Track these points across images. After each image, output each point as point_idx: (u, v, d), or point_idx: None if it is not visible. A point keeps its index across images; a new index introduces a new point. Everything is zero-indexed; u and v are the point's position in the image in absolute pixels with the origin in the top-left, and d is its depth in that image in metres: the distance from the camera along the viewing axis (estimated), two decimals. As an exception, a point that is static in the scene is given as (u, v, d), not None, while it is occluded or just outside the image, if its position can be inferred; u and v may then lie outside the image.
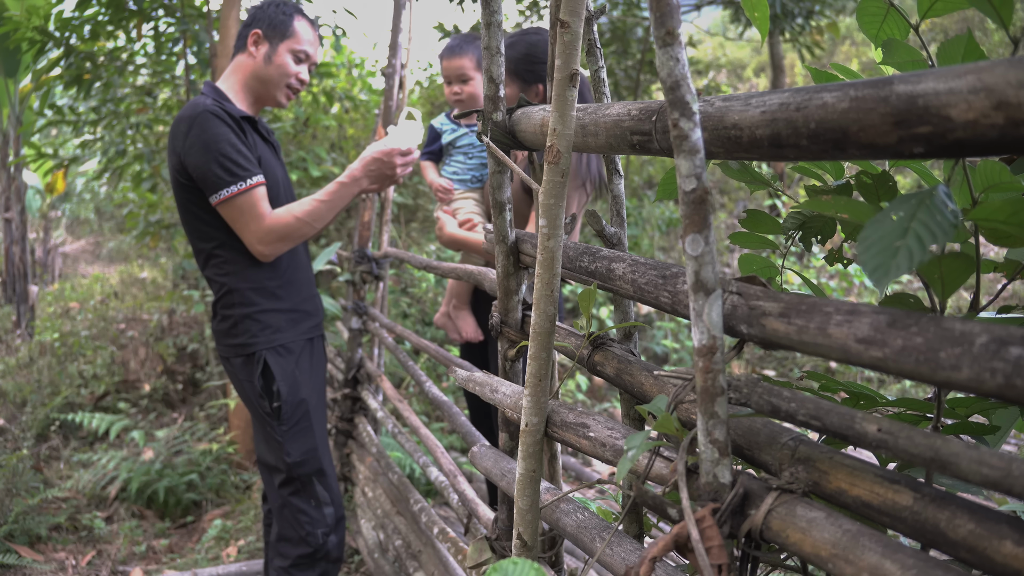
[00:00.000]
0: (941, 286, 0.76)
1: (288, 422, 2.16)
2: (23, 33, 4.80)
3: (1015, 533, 0.58)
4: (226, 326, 2.14)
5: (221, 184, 2.01)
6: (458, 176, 2.73)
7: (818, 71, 0.93)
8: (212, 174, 2.00)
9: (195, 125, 2.01)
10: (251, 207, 2.04)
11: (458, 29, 6.93)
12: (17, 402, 5.13)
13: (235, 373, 2.17)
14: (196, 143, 2.01)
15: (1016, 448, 3.80)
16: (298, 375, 2.18)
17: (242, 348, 2.12)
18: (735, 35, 8.25)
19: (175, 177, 2.09)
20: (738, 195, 9.01)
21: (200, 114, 2.02)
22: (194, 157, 2.01)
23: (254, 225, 2.06)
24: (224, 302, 2.14)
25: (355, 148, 6.28)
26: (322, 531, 2.20)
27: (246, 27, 2.20)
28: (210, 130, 2.01)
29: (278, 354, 2.14)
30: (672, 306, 0.93)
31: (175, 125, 2.07)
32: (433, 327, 5.32)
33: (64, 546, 3.65)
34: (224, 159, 2.01)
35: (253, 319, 2.12)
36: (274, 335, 2.14)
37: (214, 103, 2.06)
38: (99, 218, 11.67)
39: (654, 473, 0.95)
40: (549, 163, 1.01)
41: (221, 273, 2.12)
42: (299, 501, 2.19)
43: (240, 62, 2.21)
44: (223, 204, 2.03)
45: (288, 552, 2.19)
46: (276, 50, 2.19)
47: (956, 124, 0.57)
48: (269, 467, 2.21)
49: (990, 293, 4.79)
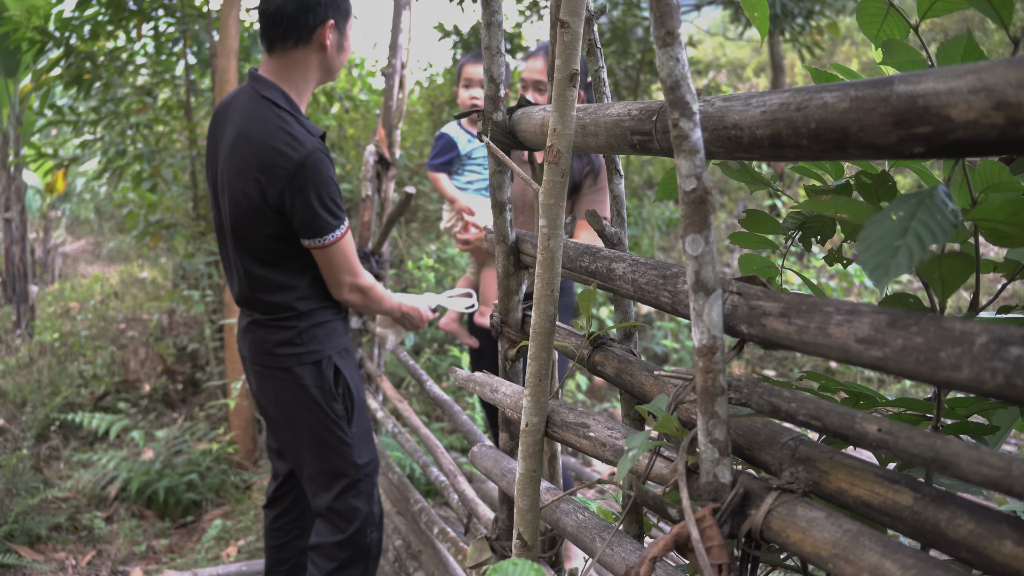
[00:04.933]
0: (941, 286, 0.76)
1: (358, 424, 2.17)
2: (23, 33, 4.81)
3: (1015, 533, 0.58)
4: (289, 335, 2.06)
5: (327, 229, 1.93)
6: (473, 186, 2.74)
7: (818, 71, 0.93)
8: (320, 219, 1.92)
9: (307, 168, 1.88)
10: (349, 249, 2.01)
11: (458, 29, 6.92)
12: (17, 402, 5.13)
13: (291, 383, 2.08)
14: (307, 187, 1.88)
15: (1016, 448, 3.80)
16: (358, 377, 2.21)
17: (310, 355, 2.07)
18: (735, 35, 8.25)
19: (257, 208, 1.93)
20: (738, 195, 9.01)
21: (312, 155, 1.88)
22: (303, 200, 1.89)
23: (350, 273, 2.04)
24: (288, 318, 2.07)
25: (355, 148, 6.28)
26: (370, 529, 2.20)
27: (307, 15, 1.94)
28: (323, 174, 1.90)
29: (343, 357, 2.15)
30: (672, 306, 0.93)
31: (272, 155, 1.88)
32: (433, 327, 5.32)
33: (64, 546, 3.65)
34: (333, 205, 1.93)
35: (320, 326, 2.10)
36: (338, 340, 2.15)
37: (305, 128, 1.93)
38: (99, 218, 11.67)
39: (654, 473, 0.95)
40: (549, 163, 1.01)
41: (295, 299, 2.05)
42: (359, 502, 2.17)
43: (304, 57, 1.99)
44: (323, 248, 1.97)
45: (336, 555, 2.16)
46: (345, 34, 2.06)
47: (956, 124, 0.57)
48: (329, 474, 2.14)
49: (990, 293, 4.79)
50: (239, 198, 1.94)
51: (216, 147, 2.04)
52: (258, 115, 1.92)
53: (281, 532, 2.46)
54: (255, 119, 1.92)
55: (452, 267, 5.53)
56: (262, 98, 1.94)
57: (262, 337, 2.08)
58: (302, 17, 1.94)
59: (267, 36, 1.98)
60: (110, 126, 5.44)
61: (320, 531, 2.20)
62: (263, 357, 2.09)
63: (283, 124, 1.90)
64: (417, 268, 5.20)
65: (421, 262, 5.21)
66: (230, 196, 1.96)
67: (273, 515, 2.46)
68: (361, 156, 5.69)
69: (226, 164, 1.96)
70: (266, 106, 1.93)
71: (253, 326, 2.09)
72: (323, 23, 1.96)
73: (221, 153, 2.00)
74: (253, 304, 2.08)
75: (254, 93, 1.96)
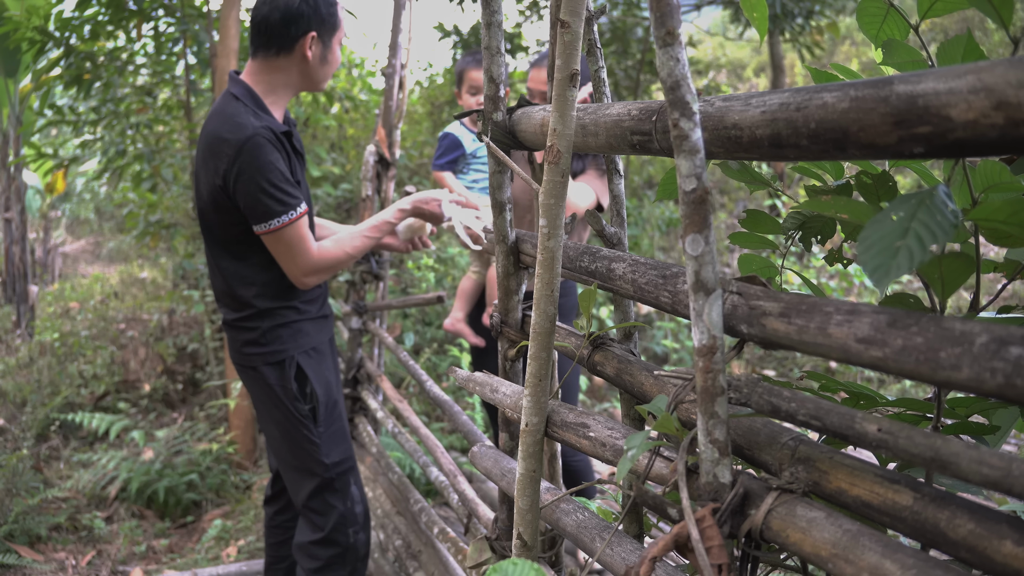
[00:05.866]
0: (941, 286, 0.76)
1: (325, 423, 2.16)
2: (23, 33, 4.81)
3: (1015, 533, 0.58)
4: (253, 336, 2.10)
5: (271, 215, 1.95)
6: (479, 185, 2.76)
7: (818, 71, 0.93)
8: (261, 204, 1.94)
9: (244, 151, 1.91)
10: (299, 240, 2.01)
11: (458, 29, 6.92)
12: (17, 402, 5.13)
13: (260, 381, 2.12)
14: (245, 171, 1.92)
15: (1016, 448, 3.80)
16: (328, 376, 2.20)
17: (273, 355, 2.10)
18: (735, 35, 8.25)
19: (212, 197, 1.99)
20: (738, 195, 9.00)
21: (251, 139, 1.91)
22: (243, 185, 1.93)
23: (301, 259, 2.03)
24: (251, 317, 2.10)
25: (355, 148, 6.28)
26: (353, 529, 2.21)
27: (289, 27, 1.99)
28: (261, 158, 1.92)
29: (309, 357, 2.15)
30: (672, 306, 0.93)
31: (216, 143, 1.94)
32: (432, 327, 5.32)
33: (64, 546, 3.65)
34: (275, 189, 1.94)
35: (284, 327, 2.11)
36: (304, 339, 2.15)
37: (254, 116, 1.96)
38: (99, 218, 11.66)
39: (654, 473, 0.95)
40: (549, 163, 1.01)
41: (254, 295, 2.08)
42: (335, 500, 2.18)
43: (283, 64, 2.04)
44: (270, 234, 1.98)
45: (319, 554, 2.18)
46: (330, 47, 2.08)
47: (956, 124, 0.57)
48: (301, 471, 2.17)
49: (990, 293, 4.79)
50: (202, 189, 2.02)
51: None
52: (218, 109, 2.01)
53: (280, 529, 2.48)
54: (215, 113, 2.01)
55: (452, 267, 5.53)
56: (228, 94, 2.03)
57: (233, 336, 2.15)
58: (285, 28, 1.99)
59: (252, 42, 2.05)
60: (110, 126, 5.44)
61: (302, 530, 2.23)
62: (236, 355, 2.16)
63: (233, 114, 1.96)
64: (417, 268, 5.20)
65: (421, 262, 5.21)
66: (197, 188, 2.06)
67: (271, 512, 2.49)
68: (361, 156, 5.69)
69: (196, 158, 2.06)
70: (227, 100, 2.01)
71: (226, 326, 2.17)
72: (305, 35, 2.01)
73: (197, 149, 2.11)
74: (225, 301, 2.14)
75: (226, 91, 2.06)
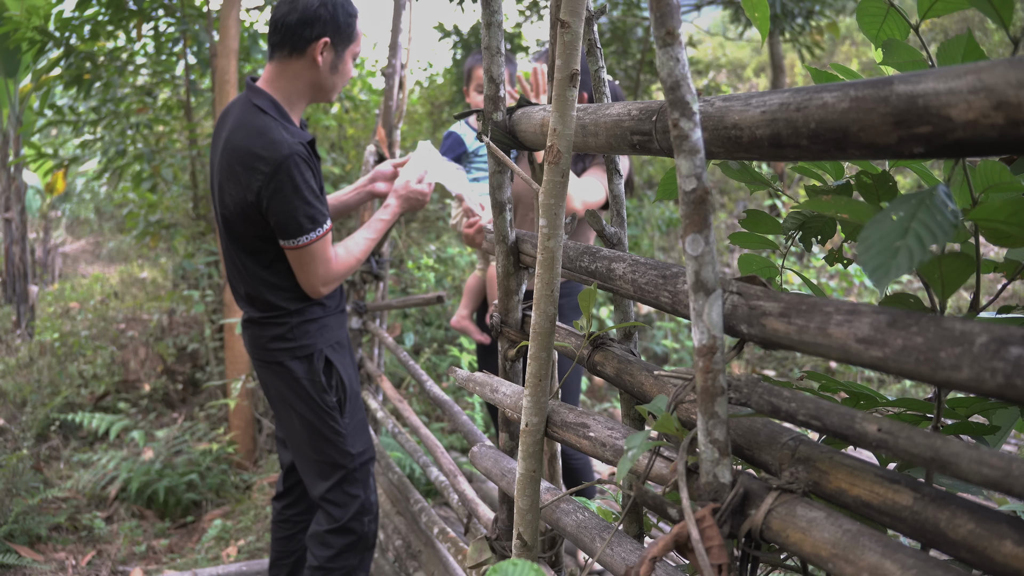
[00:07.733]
0: (941, 286, 0.76)
1: (350, 415, 2.23)
2: (23, 33, 4.81)
3: (1015, 533, 0.58)
4: (281, 331, 2.14)
5: (301, 231, 1.98)
6: (480, 182, 2.76)
7: (818, 71, 0.93)
8: (294, 222, 1.97)
9: (281, 170, 1.93)
10: (322, 253, 2.05)
11: (458, 29, 6.92)
12: (17, 402, 5.13)
13: (285, 376, 2.15)
14: (281, 190, 1.93)
15: (1016, 448, 3.80)
16: (350, 368, 2.27)
17: (301, 349, 2.15)
18: (735, 35, 8.25)
19: (242, 210, 1.99)
20: (738, 195, 9.00)
21: (288, 159, 1.92)
22: (278, 203, 1.95)
23: (322, 270, 2.07)
24: (278, 316, 2.14)
25: (355, 148, 6.27)
26: (368, 518, 2.27)
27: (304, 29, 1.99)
28: (297, 177, 1.94)
29: (334, 350, 2.22)
30: (672, 306, 0.93)
31: (249, 159, 1.94)
32: (432, 327, 5.32)
33: (64, 546, 3.65)
34: (308, 207, 1.97)
35: (312, 322, 2.17)
36: (330, 334, 2.21)
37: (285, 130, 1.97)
38: (99, 218, 11.66)
39: (654, 473, 0.95)
40: (549, 163, 1.01)
41: (283, 299, 2.12)
42: (356, 490, 2.24)
43: (297, 69, 2.05)
44: (297, 249, 2.01)
45: (333, 542, 2.23)
46: (343, 58, 2.09)
47: (956, 124, 0.57)
48: (323, 464, 2.21)
49: (990, 293, 4.79)
50: (228, 200, 2.03)
51: (215, 152, 2.13)
52: (245, 121, 2.01)
53: (288, 524, 2.51)
54: (242, 125, 2.01)
55: (452, 267, 5.53)
56: (252, 105, 2.04)
57: (257, 333, 2.18)
58: (300, 29, 2.01)
59: (269, 41, 2.08)
60: (110, 126, 5.44)
61: (318, 520, 2.28)
62: (259, 351, 2.20)
63: (265, 129, 1.97)
64: (417, 268, 5.20)
65: (421, 262, 5.21)
66: (222, 198, 2.06)
67: (280, 507, 2.53)
68: (361, 156, 5.69)
69: (218, 168, 2.06)
70: (254, 112, 2.02)
71: (249, 323, 2.21)
72: (318, 39, 2.02)
73: (216, 158, 2.10)
74: (250, 302, 2.18)
75: (247, 100, 2.07)
